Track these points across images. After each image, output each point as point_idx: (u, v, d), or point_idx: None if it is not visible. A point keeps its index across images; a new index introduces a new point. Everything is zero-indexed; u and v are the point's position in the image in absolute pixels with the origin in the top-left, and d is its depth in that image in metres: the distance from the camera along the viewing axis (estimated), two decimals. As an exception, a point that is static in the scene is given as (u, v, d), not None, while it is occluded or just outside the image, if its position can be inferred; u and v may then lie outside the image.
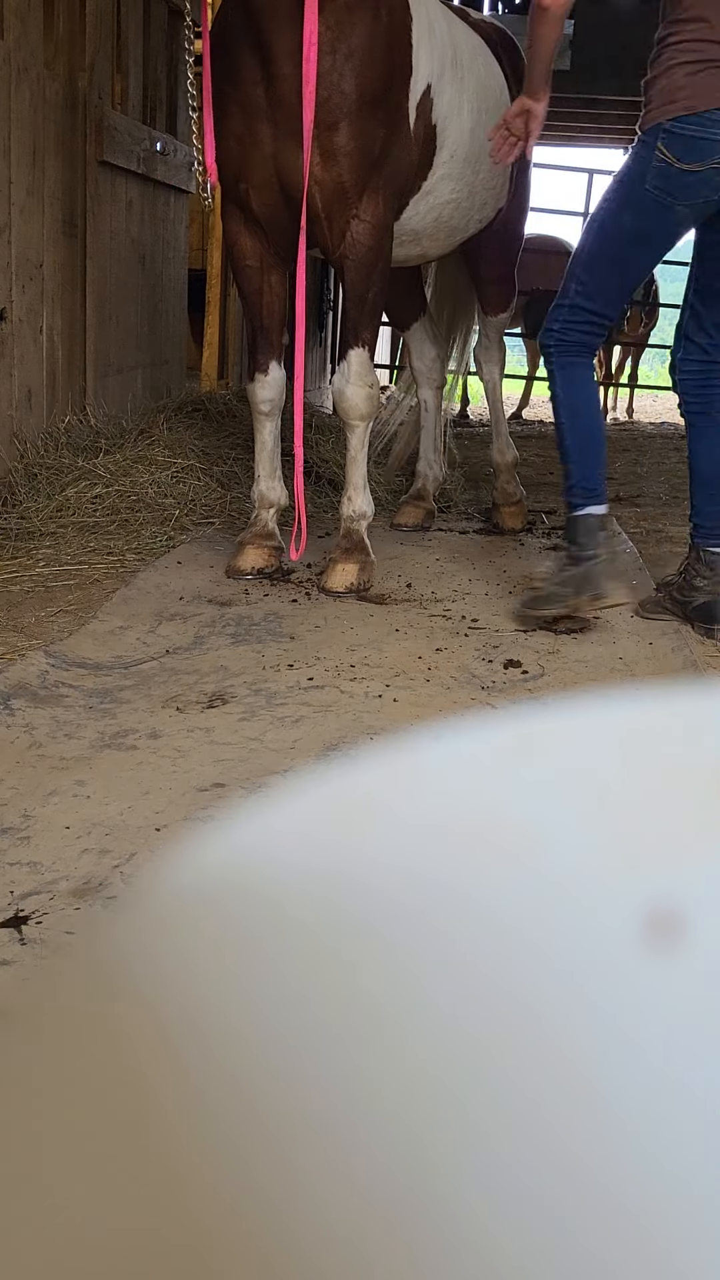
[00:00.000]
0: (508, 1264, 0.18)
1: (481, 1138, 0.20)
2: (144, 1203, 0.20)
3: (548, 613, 2.93)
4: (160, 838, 1.81)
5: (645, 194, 2.72)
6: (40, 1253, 0.20)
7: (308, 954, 0.24)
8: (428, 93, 3.29)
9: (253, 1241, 0.19)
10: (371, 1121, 0.21)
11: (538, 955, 0.23)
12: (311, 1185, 0.20)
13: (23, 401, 3.99)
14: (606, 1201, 0.19)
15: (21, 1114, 0.23)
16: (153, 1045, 0.23)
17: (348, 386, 3.26)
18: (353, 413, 3.29)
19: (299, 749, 2.17)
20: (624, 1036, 0.22)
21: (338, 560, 3.26)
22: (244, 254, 3.29)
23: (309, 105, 2.92)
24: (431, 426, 4.35)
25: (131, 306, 5.03)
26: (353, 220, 3.11)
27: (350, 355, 3.27)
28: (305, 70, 2.89)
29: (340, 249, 3.15)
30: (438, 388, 4.40)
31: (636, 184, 2.74)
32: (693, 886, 0.24)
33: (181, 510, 3.87)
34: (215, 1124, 0.21)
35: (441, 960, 0.23)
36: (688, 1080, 0.21)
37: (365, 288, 3.20)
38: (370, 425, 3.39)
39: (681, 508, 4.97)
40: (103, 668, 2.57)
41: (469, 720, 0.32)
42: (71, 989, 0.26)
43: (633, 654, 2.80)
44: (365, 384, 3.26)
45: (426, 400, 4.39)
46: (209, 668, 2.60)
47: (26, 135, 3.88)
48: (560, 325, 2.93)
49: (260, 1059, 0.22)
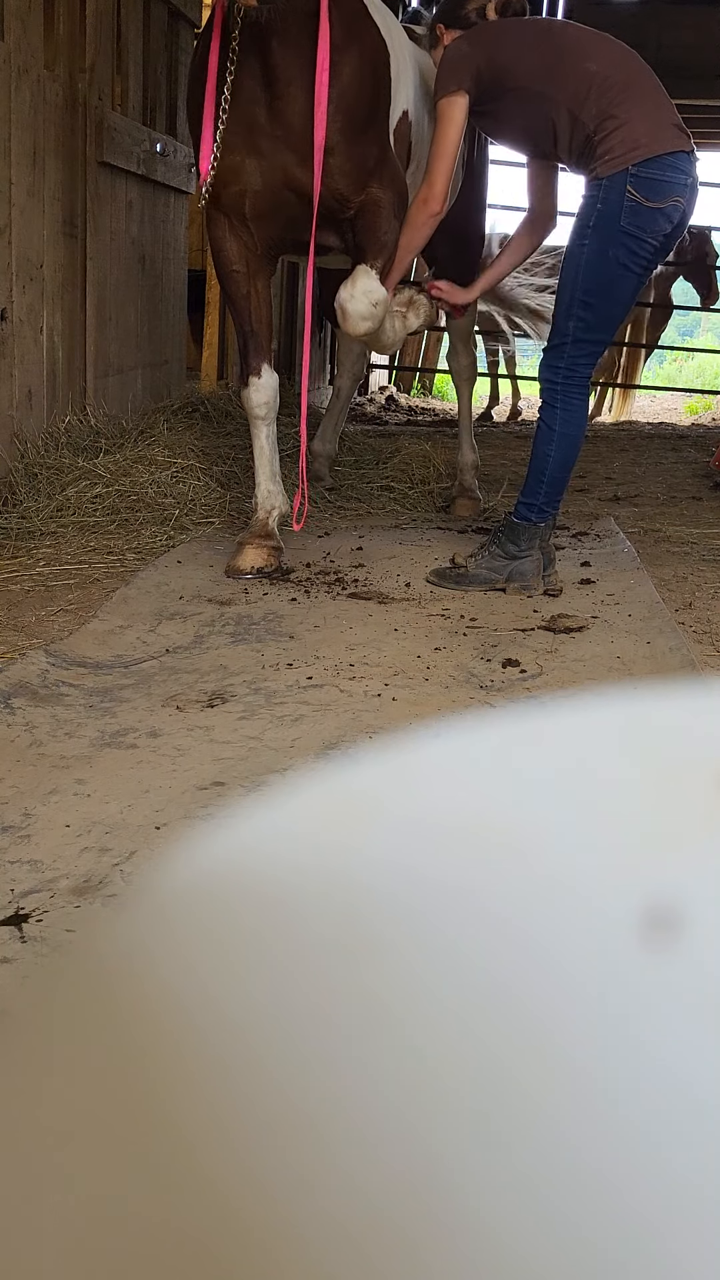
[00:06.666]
0: (511, 1257, 0.19)
1: (483, 1132, 0.20)
2: (147, 1197, 0.20)
3: (465, 589, 3.30)
4: (160, 836, 1.81)
5: (622, 230, 3.10)
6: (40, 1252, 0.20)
7: (308, 951, 0.24)
8: (404, 118, 3.51)
9: (256, 1233, 0.19)
10: (372, 1115, 0.21)
11: (536, 951, 0.23)
12: (313, 1178, 0.20)
13: (23, 401, 3.99)
14: (609, 1195, 0.19)
15: (23, 1112, 0.23)
16: (153, 1041, 0.23)
17: (349, 302, 3.19)
18: (353, 322, 3.22)
19: (298, 748, 2.17)
20: (624, 1031, 0.22)
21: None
22: (230, 259, 3.34)
23: (321, 105, 3.07)
24: (336, 411, 4.82)
25: (131, 307, 5.03)
26: (371, 187, 3.24)
27: (357, 269, 3.23)
28: (318, 93, 3.06)
29: (356, 207, 3.25)
30: (354, 379, 4.93)
31: (613, 223, 3.10)
32: (690, 884, 0.25)
33: (181, 510, 3.87)
34: (217, 1119, 0.21)
35: (440, 956, 0.24)
36: (688, 1075, 0.21)
37: (384, 230, 3.27)
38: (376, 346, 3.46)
39: (679, 507, 4.98)
40: (103, 667, 2.57)
41: (467, 719, 0.32)
42: (72, 986, 0.26)
43: (631, 653, 2.80)
44: (368, 299, 3.19)
45: (342, 388, 4.89)
46: (209, 667, 2.60)
47: (27, 136, 3.88)
48: (567, 363, 3.22)
49: (261, 1055, 0.22)
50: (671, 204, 3.10)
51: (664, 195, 3.09)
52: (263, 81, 3.10)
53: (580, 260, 3.16)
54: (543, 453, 3.29)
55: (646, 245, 3.13)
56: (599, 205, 3.12)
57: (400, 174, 3.40)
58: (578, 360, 3.22)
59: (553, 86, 3.17)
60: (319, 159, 3.09)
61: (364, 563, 3.54)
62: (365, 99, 3.22)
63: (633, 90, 3.15)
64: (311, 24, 3.04)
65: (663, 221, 3.12)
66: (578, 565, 3.62)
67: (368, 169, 3.24)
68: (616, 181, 3.08)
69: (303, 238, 3.28)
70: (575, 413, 3.26)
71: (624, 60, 3.23)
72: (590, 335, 3.21)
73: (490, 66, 3.22)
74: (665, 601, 3.22)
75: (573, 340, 3.20)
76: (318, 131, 3.08)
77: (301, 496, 3.34)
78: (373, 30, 3.28)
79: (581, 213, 3.19)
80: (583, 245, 3.16)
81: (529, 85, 3.20)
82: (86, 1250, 0.20)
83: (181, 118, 5.40)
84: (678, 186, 3.11)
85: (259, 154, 3.17)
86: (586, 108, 3.14)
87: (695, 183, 3.19)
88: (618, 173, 3.08)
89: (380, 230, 3.26)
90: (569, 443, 3.27)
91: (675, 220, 3.15)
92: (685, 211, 3.17)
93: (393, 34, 3.46)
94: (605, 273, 3.13)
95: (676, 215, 3.14)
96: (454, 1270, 0.19)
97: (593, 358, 3.27)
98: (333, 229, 3.31)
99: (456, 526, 4.24)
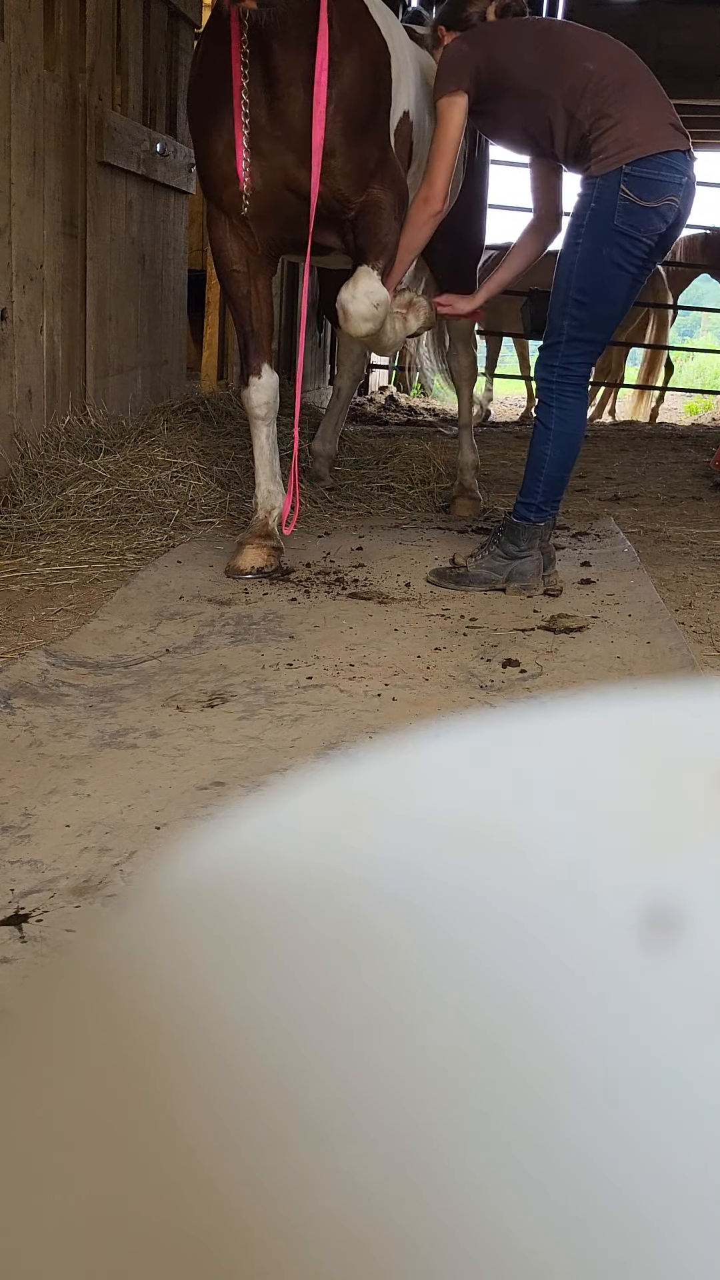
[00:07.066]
0: (511, 1257, 0.19)
1: (484, 1130, 0.20)
2: (147, 1197, 0.20)
3: (465, 589, 3.31)
4: (160, 836, 1.81)
5: (615, 229, 3.10)
6: (40, 1252, 0.20)
7: (308, 951, 0.24)
8: (405, 118, 3.51)
9: (256, 1233, 0.19)
10: (372, 1115, 0.21)
11: (537, 951, 0.23)
12: (314, 1177, 0.20)
13: (23, 401, 3.99)
14: (609, 1195, 0.19)
15: (23, 1112, 0.23)
16: (153, 1041, 0.23)
17: (351, 303, 3.18)
18: (354, 322, 3.22)
19: (298, 748, 2.17)
20: (624, 1031, 0.22)
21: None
22: (231, 259, 3.35)
23: (320, 106, 3.07)
24: (336, 411, 4.82)
25: (131, 307, 5.03)
26: (372, 188, 3.24)
27: (359, 270, 3.24)
28: (316, 93, 3.06)
29: (357, 207, 3.25)
30: (354, 379, 4.93)
31: (606, 222, 3.10)
32: (691, 884, 0.25)
33: (181, 510, 3.87)
34: (217, 1119, 0.21)
35: (440, 956, 0.24)
36: (688, 1075, 0.21)
37: (385, 231, 3.27)
38: (382, 342, 3.42)
39: (679, 507, 4.98)
40: (103, 667, 2.57)
41: (467, 719, 0.32)
42: (72, 986, 0.26)
43: (631, 653, 2.80)
44: (370, 300, 3.19)
45: (342, 388, 4.89)
46: (209, 667, 2.60)
47: (27, 136, 3.88)
48: (561, 362, 3.23)
49: (261, 1053, 0.22)
50: (666, 203, 3.11)
51: (658, 194, 3.09)
52: (263, 82, 3.11)
53: (574, 259, 3.17)
54: (540, 452, 3.30)
55: (641, 244, 3.13)
56: (593, 204, 3.12)
57: (401, 174, 3.40)
58: (572, 359, 3.22)
59: (549, 86, 3.18)
60: (317, 160, 3.10)
61: (364, 563, 3.54)
62: (366, 100, 3.22)
63: (628, 89, 3.15)
64: (312, 24, 3.04)
65: (657, 221, 3.12)
66: (578, 565, 3.63)
67: (368, 170, 3.25)
68: (610, 180, 3.09)
69: (303, 238, 3.29)
70: (571, 412, 3.26)
71: (621, 60, 3.23)
72: (584, 334, 3.21)
73: (489, 66, 3.22)
74: (665, 601, 3.22)
75: (567, 339, 3.20)
76: (316, 132, 3.08)
77: (293, 500, 3.35)
78: (373, 30, 3.28)
79: (576, 212, 3.19)
80: (577, 244, 3.16)
81: (526, 84, 3.20)
82: (86, 1250, 0.20)
83: (181, 118, 5.40)
84: (672, 185, 3.11)
85: (260, 154, 3.17)
86: (582, 107, 3.14)
87: (691, 182, 3.19)
88: (612, 172, 3.08)
89: (381, 231, 3.26)
90: (566, 442, 3.27)
91: (670, 219, 3.15)
92: (681, 211, 3.17)
93: (393, 34, 3.47)
94: (599, 272, 3.14)
95: (671, 214, 3.14)
96: (454, 1270, 0.19)
97: (588, 357, 3.26)
98: (333, 229, 3.32)
99: (456, 526, 4.24)
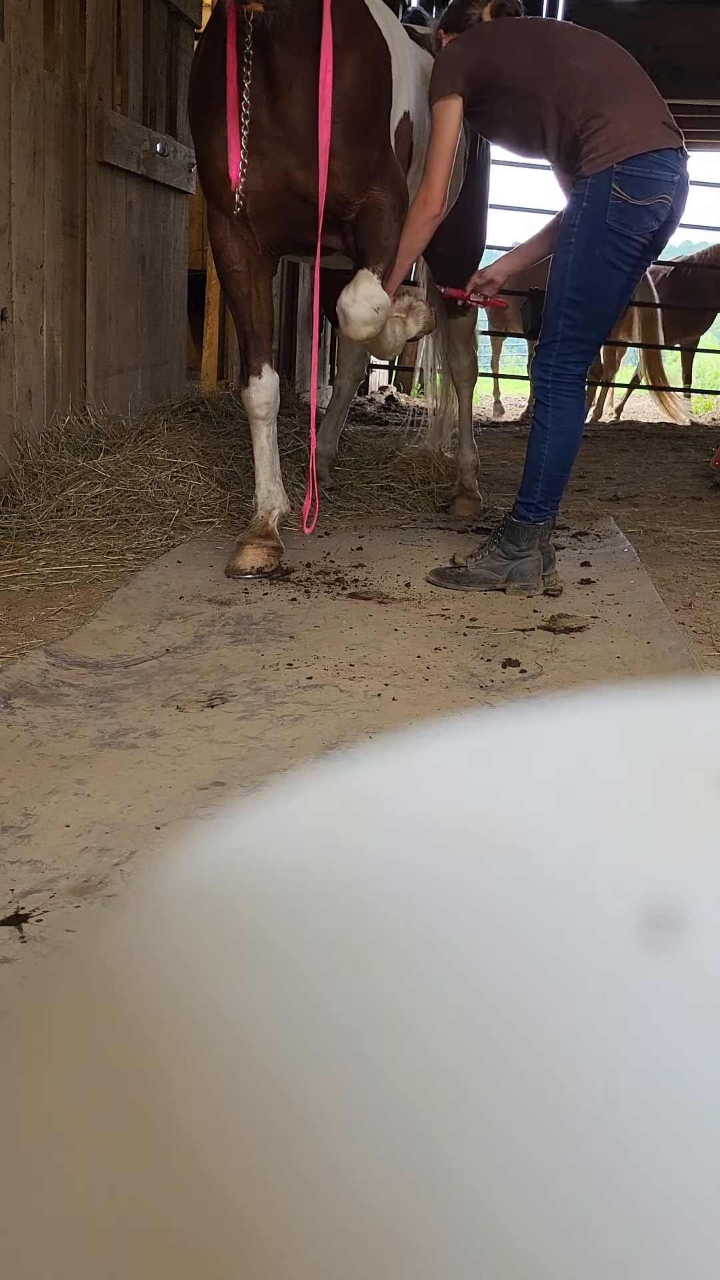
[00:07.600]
0: (511, 1257, 0.19)
1: (484, 1130, 0.20)
2: (147, 1197, 0.20)
3: (465, 589, 3.31)
4: (160, 836, 1.81)
5: (608, 228, 3.10)
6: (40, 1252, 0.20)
7: (308, 950, 0.24)
8: (405, 119, 3.51)
9: (256, 1233, 0.19)
10: (372, 1115, 0.21)
11: (537, 950, 0.23)
12: (313, 1177, 0.20)
13: (23, 401, 3.99)
14: (609, 1195, 0.19)
15: (22, 1112, 0.23)
16: (153, 1041, 0.23)
17: (351, 307, 3.18)
18: (355, 325, 3.21)
19: (298, 748, 2.17)
20: (624, 1031, 0.22)
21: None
22: (232, 259, 3.35)
23: (325, 108, 3.08)
24: (337, 411, 4.83)
25: (131, 307, 5.03)
26: (372, 190, 3.24)
27: (359, 274, 3.24)
28: (321, 93, 3.07)
29: (357, 209, 3.25)
30: (354, 379, 4.94)
31: (599, 221, 3.10)
32: (691, 884, 0.25)
33: (181, 510, 3.87)
34: (217, 1118, 0.21)
35: (440, 956, 0.24)
36: (688, 1075, 0.21)
37: (386, 234, 3.27)
38: (382, 344, 3.41)
39: (679, 507, 4.98)
40: (103, 667, 2.57)
41: (467, 719, 0.32)
42: (72, 986, 0.26)
43: (631, 653, 2.80)
44: (370, 304, 3.19)
45: (342, 388, 4.90)
46: (209, 667, 2.60)
47: (27, 136, 3.88)
48: (556, 361, 3.23)
49: (261, 1053, 0.22)
50: (658, 201, 3.10)
51: (650, 193, 3.09)
52: (264, 83, 3.11)
53: (568, 259, 3.17)
54: (537, 451, 3.30)
55: (634, 243, 3.13)
56: (585, 204, 3.12)
57: (401, 176, 3.40)
58: (567, 358, 3.22)
59: (542, 86, 3.18)
60: (324, 162, 3.10)
61: (364, 563, 3.54)
62: (367, 101, 3.22)
63: (620, 89, 3.14)
64: (313, 25, 3.04)
65: (649, 219, 3.12)
66: (578, 565, 3.63)
67: (369, 171, 3.25)
68: (602, 180, 3.08)
69: (303, 238, 3.29)
70: (568, 411, 3.26)
71: (614, 59, 3.22)
72: (579, 334, 3.21)
73: (483, 67, 3.22)
74: (665, 601, 3.22)
75: (561, 339, 3.20)
76: (322, 134, 3.08)
77: (312, 499, 3.36)
78: (374, 31, 3.28)
79: (568, 211, 3.20)
80: (570, 244, 3.16)
81: (520, 85, 3.20)
82: (86, 1250, 0.20)
83: (181, 118, 5.40)
84: (664, 184, 3.10)
85: (260, 155, 3.17)
86: (574, 106, 3.14)
87: (684, 180, 3.17)
88: (603, 171, 3.08)
89: (382, 234, 3.26)
90: (563, 441, 3.27)
91: (663, 218, 3.14)
92: (674, 209, 3.17)
93: (394, 34, 3.47)
94: (592, 271, 3.14)
95: (664, 213, 3.14)
96: (454, 1270, 0.19)
97: (584, 356, 3.27)
98: (334, 230, 3.32)
99: (456, 526, 4.24)
